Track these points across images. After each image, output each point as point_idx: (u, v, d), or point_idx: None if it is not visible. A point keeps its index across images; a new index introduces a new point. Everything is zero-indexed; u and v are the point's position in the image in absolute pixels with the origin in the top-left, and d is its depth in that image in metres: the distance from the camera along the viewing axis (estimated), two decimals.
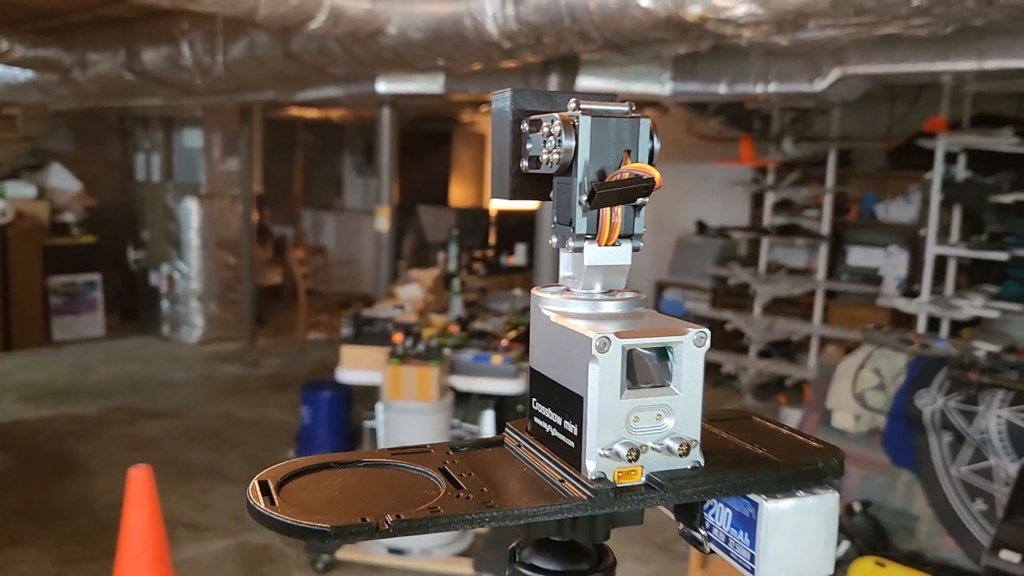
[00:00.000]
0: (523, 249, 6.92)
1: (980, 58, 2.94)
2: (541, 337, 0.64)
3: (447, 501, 0.57)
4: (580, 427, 0.58)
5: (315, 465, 0.63)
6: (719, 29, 2.57)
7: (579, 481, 0.58)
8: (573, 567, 0.62)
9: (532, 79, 3.89)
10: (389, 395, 3.58)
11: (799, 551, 0.57)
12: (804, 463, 0.59)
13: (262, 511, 0.56)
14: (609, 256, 0.63)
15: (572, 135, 0.59)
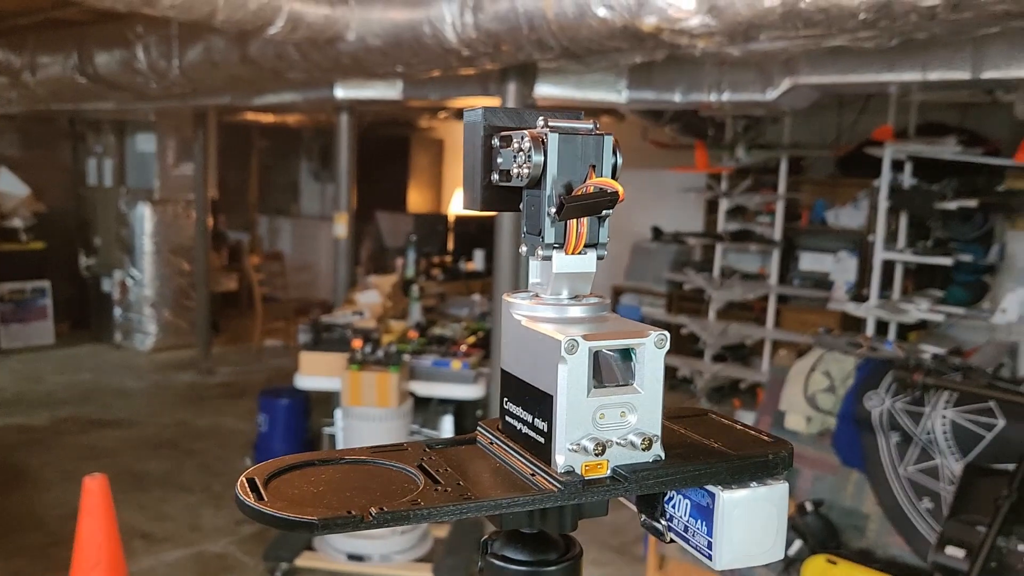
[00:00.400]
0: (481, 255, 6.94)
1: (924, 70, 3.04)
2: (512, 340, 0.68)
3: (426, 494, 0.60)
4: (550, 424, 0.62)
5: (299, 463, 0.66)
6: (674, 39, 2.62)
7: (549, 474, 0.61)
8: (543, 556, 0.66)
9: (490, 86, 3.93)
10: (348, 401, 3.57)
11: (753, 538, 0.61)
12: (756, 455, 0.63)
13: (252, 506, 0.59)
14: (576, 264, 0.67)
15: (541, 151, 0.63)
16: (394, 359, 3.64)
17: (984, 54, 2.90)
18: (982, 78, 2.94)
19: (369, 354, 3.65)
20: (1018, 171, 5.28)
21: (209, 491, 4.61)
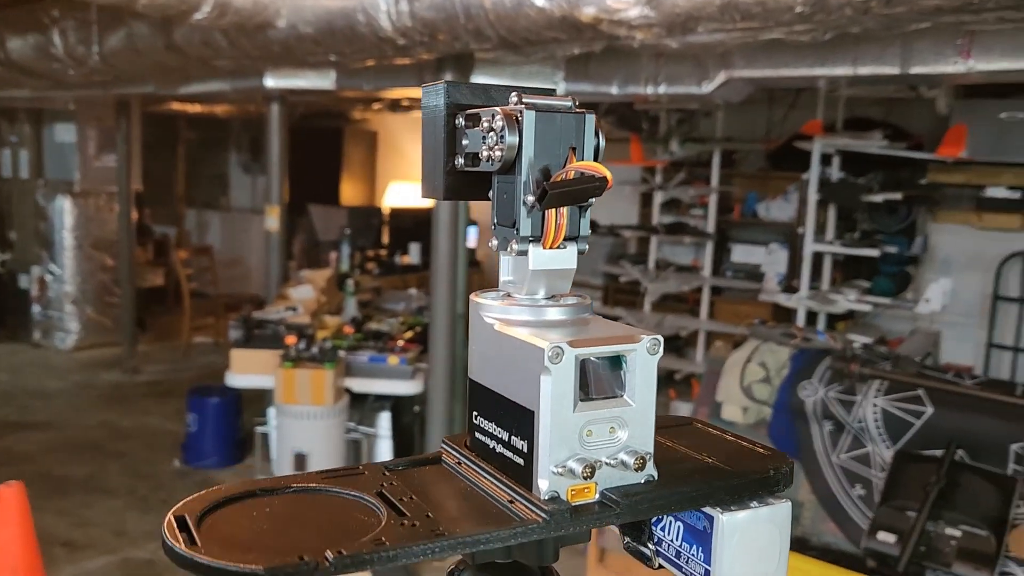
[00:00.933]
0: (417, 248, 6.86)
1: (854, 64, 3.09)
2: (482, 346, 0.60)
3: (391, 530, 0.52)
4: (531, 443, 0.54)
5: (238, 494, 0.58)
6: (612, 30, 2.61)
7: (531, 502, 0.54)
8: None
9: (426, 77, 3.86)
10: (282, 399, 3.48)
11: (754, 563, 0.55)
12: (756, 472, 0.57)
13: (181, 552, 0.50)
14: (554, 259, 0.59)
15: (516, 131, 0.56)
16: (329, 355, 3.55)
17: (912, 50, 2.96)
18: (910, 73, 3.00)
19: (303, 351, 3.56)
20: (940, 165, 5.43)
21: (135, 494, 4.45)
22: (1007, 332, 5.81)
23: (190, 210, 9.46)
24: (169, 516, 0.54)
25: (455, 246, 3.71)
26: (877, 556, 3.00)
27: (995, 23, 2.43)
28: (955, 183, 5.69)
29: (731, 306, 6.40)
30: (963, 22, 2.36)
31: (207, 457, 4.72)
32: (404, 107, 6.64)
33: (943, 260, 6.00)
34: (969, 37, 2.77)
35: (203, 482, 4.59)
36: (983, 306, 5.88)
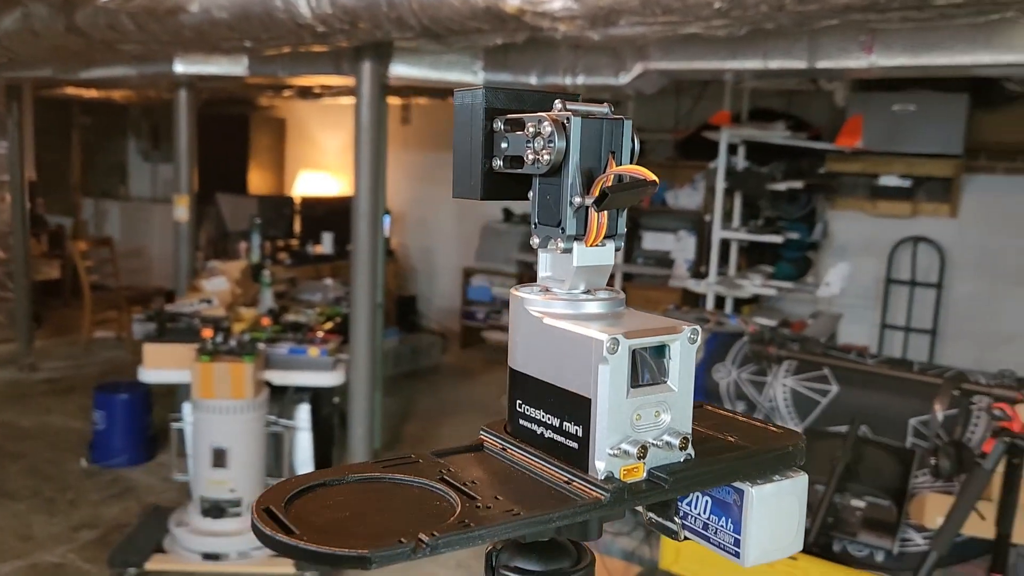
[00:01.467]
0: (331, 238, 6.76)
1: (765, 58, 3.21)
2: (528, 338, 0.63)
3: (471, 512, 0.55)
4: (586, 428, 0.58)
5: (308, 485, 0.60)
6: (536, 22, 2.64)
7: (588, 481, 0.58)
8: (558, 565, 0.62)
9: (343, 65, 3.81)
10: (200, 394, 3.39)
11: (777, 531, 0.60)
12: (777, 448, 0.62)
13: (287, 542, 0.52)
14: (596, 256, 0.63)
15: (563, 136, 0.59)
16: (248, 348, 3.49)
17: (818, 45, 3.10)
18: (817, 67, 3.14)
19: (221, 344, 3.48)
20: (837, 155, 5.69)
21: (40, 496, 4.27)
22: (899, 313, 6.15)
23: (87, 199, 9.06)
24: (256, 509, 0.55)
25: (375, 236, 3.69)
26: None
27: (899, 22, 2.57)
28: (851, 172, 5.97)
29: (642, 292, 6.55)
30: (869, 20, 2.49)
31: (116, 455, 4.56)
32: (315, 94, 6.52)
33: (840, 246, 6.29)
34: (871, 34, 2.92)
35: (114, 481, 4.44)
36: (876, 289, 6.20)
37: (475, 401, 6.17)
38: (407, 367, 6.64)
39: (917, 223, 6.00)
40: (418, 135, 7.86)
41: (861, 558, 3.16)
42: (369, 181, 3.63)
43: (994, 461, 2.01)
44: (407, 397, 6.09)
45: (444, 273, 8.09)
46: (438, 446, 2.21)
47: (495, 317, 7.34)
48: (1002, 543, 2.16)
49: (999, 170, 5.79)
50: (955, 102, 5.43)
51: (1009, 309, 5.81)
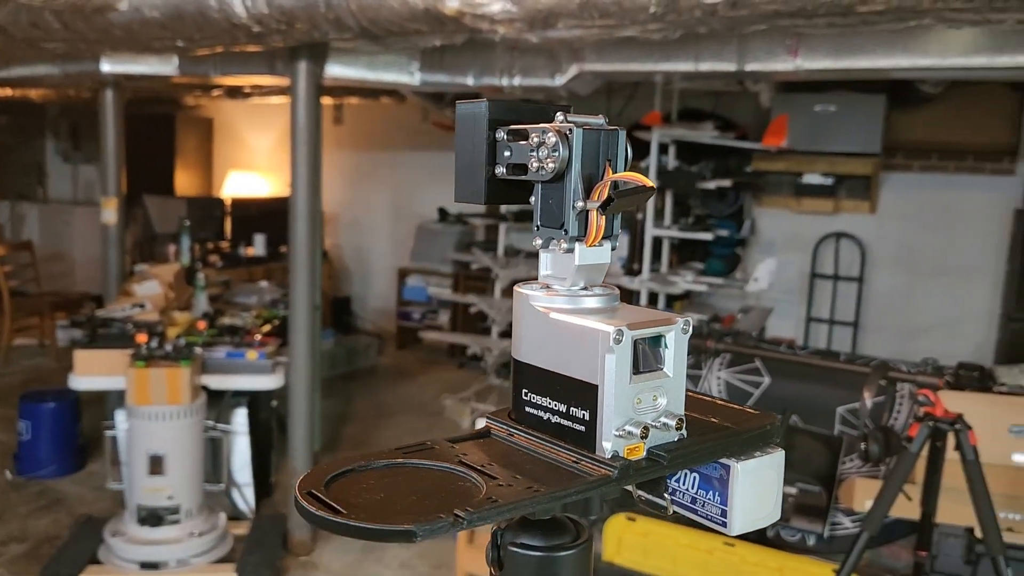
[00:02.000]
0: (263, 240, 6.67)
1: (696, 61, 3.30)
2: (533, 332, 0.68)
3: (496, 491, 0.59)
4: (593, 412, 0.63)
5: (341, 471, 0.64)
6: (475, 24, 2.67)
7: (596, 460, 0.63)
8: (561, 540, 0.66)
9: (278, 65, 3.77)
10: (135, 401, 3.32)
11: (759, 502, 0.66)
12: (757, 428, 0.68)
13: (338, 520, 0.56)
14: (595, 255, 0.68)
15: (567, 145, 0.64)
16: (184, 352, 3.43)
17: (747, 48, 3.21)
18: (746, 70, 3.25)
19: (156, 349, 3.41)
20: (763, 154, 5.87)
21: None
22: (823, 306, 6.37)
23: (2, 202, 8.73)
24: (299, 492, 0.58)
25: (314, 237, 3.67)
26: None
27: (824, 28, 2.68)
28: (776, 170, 6.16)
29: None
30: (796, 25, 2.59)
31: (44, 466, 4.43)
32: (245, 94, 6.42)
33: (767, 242, 6.49)
34: (797, 39, 3.04)
35: (41, 493, 4.31)
36: (802, 283, 6.41)
37: (413, 402, 6.17)
38: (343, 369, 6.60)
39: (839, 219, 6.22)
40: (351, 135, 7.81)
41: (794, 542, 3.28)
42: (306, 182, 3.61)
43: (919, 444, 2.12)
44: (344, 399, 6.05)
45: (379, 273, 8.05)
46: (379, 448, 2.25)
47: (431, 317, 7.34)
48: (927, 522, 2.28)
49: (915, 168, 6.05)
50: (873, 103, 5.66)
51: (925, 301, 6.08)
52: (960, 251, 5.97)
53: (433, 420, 5.74)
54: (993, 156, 5.82)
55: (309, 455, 3.80)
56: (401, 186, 7.87)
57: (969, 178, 5.91)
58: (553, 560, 0.64)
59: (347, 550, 3.92)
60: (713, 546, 3.00)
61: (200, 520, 3.55)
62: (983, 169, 5.87)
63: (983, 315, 5.88)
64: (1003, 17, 2.18)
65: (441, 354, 7.38)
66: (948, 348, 5.32)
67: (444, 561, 3.82)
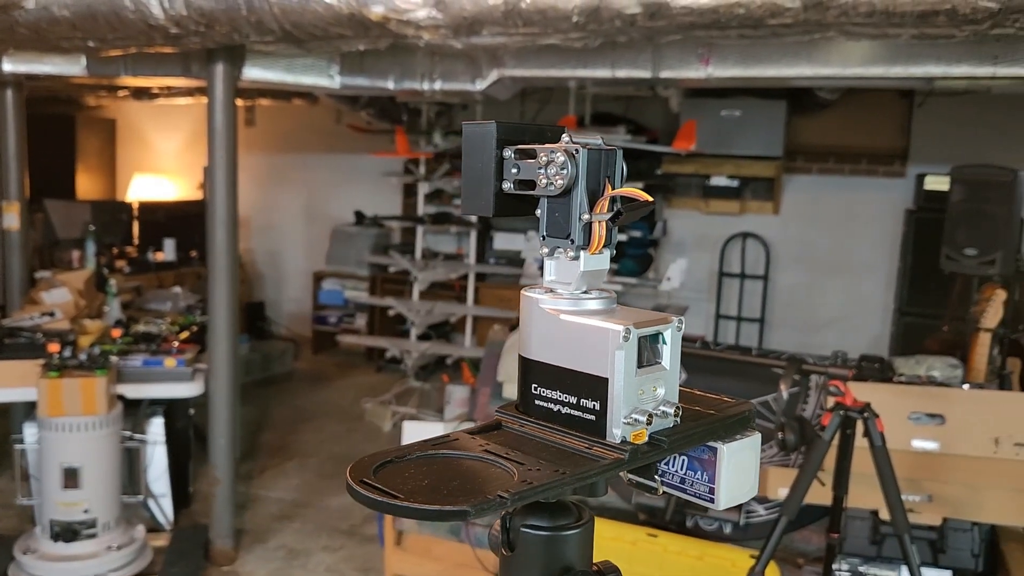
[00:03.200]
0: (172, 244, 6.50)
1: (613, 68, 3.41)
2: (543, 332, 0.75)
3: (528, 474, 0.65)
4: (603, 403, 0.70)
5: (383, 461, 0.68)
6: (400, 30, 2.69)
7: (607, 445, 0.70)
8: (568, 521, 0.73)
9: (193, 67, 3.71)
10: (48, 412, 3.21)
11: (741, 479, 0.73)
12: (736, 414, 0.75)
13: (400, 504, 0.61)
14: (597, 262, 0.75)
15: (574, 164, 0.70)
16: (99, 362, 3.34)
17: (662, 56, 3.33)
18: (660, 77, 3.37)
19: (68, 358, 3.31)
20: (673, 157, 6.06)
21: None
22: (731, 304, 6.62)
23: None
24: (352, 482, 0.63)
25: (233, 241, 3.62)
26: (646, 510, 3.36)
27: (736, 39, 2.81)
28: (685, 173, 6.38)
29: (494, 291, 6.71)
30: (710, 36, 2.71)
31: None
32: (152, 95, 6.24)
33: (678, 242, 6.70)
34: (709, 48, 3.17)
35: None
36: (710, 282, 6.64)
37: (332, 406, 6.12)
38: (258, 375, 6.49)
39: (745, 220, 6.47)
40: (263, 137, 7.68)
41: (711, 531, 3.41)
42: (224, 185, 3.55)
43: (832, 432, 2.26)
44: (261, 406, 5.96)
45: (293, 277, 7.95)
46: (298, 454, 2.30)
47: (348, 321, 7.29)
48: (838, 506, 2.42)
49: (814, 170, 6.35)
50: (775, 109, 5.92)
51: (825, 297, 6.39)
52: (856, 249, 6.30)
53: (354, 424, 5.71)
54: (885, 159, 6.17)
55: (231, 463, 3.75)
56: (315, 189, 7.79)
57: (864, 180, 6.24)
58: (563, 539, 0.71)
59: (270, 558, 3.88)
60: (637, 537, 3.10)
61: (118, 533, 3.46)
62: (876, 172, 6.21)
63: (878, 309, 6.21)
64: (899, 32, 2.35)
65: (359, 358, 7.33)
66: (847, 341, 5.60)
67: (371, 565, 3.82)
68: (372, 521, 4.16)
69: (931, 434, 3.02)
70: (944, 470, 2.93)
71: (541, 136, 0.74)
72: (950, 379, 3.37)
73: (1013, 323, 4.21)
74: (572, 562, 0.72)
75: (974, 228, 4.05)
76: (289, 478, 4.78)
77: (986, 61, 2.98)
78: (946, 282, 4.83)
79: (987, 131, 5.68)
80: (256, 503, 4.42)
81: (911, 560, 2.21)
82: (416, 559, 3.45)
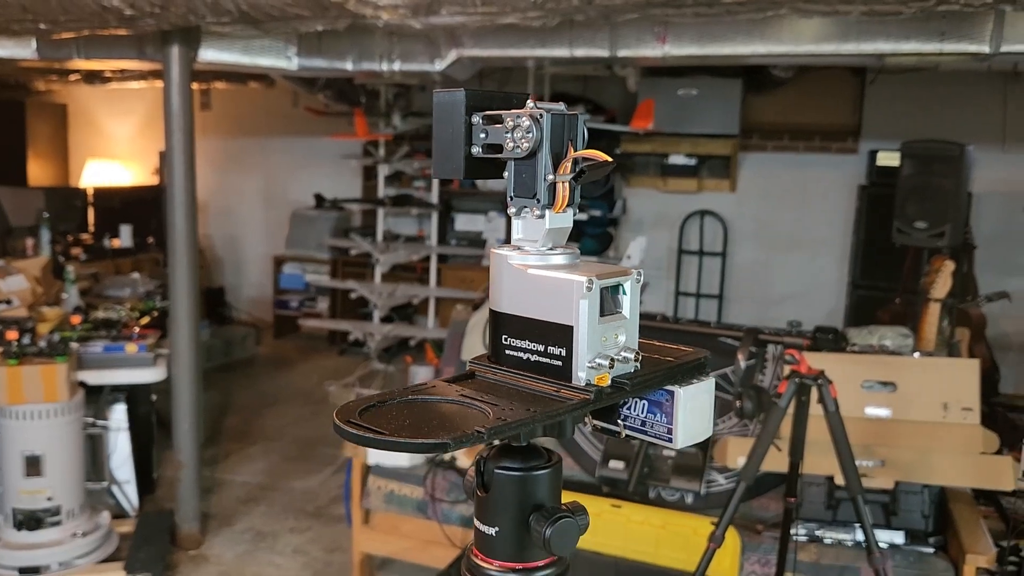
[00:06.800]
0: (129, 231, 6.40)
1: (571, 47, 3.44)
2: (512, 286, 0.79)
3: (503, 413, 0.69)
4: (569, 349, 0.75)
5: (366, 406, 0.72)
6: (359, 10, 2.70)
7: (573, 388, 0.74)
8: (538, 463, 0.78)
9: (147, 49, 3.66)
10: (7, 400, 3.18)
11: (697, 421, 0.78)
12: (693, 360, 0.81)
13: (381, 438, 0.65)
14: (561, 220, 0.79)
15: (539, 128, 0.75)
16: (59, 348, 3.31)
17: (619, 35, 3.36)
18: (618, 56, 3.41)
19: (28, 345, 3.28)
20: (631, 136, 6.12)
21: None
22: (690, 280, 6.72)
23: None
24: (339, 421, 0.67)
25: (192, 226, 3.60)
26: (610, 482, 3.42)
27: (692, 17, 2.86)
28: (643, 152, 6.44)
29: (456, 272, 6.73)
30: (667, 14, 2.75)
31: None
32: (105, 79, 6.13)
33: (637, 220, 6.77)
34: (665, 26, 3.21)
35: None
36: (670, 259, 6.73)
37: (295, 390, 6.11)
38: (220, 360, 6.45)
39: (702, 198, 6.56)
40: (219, 121, 7.58)
41: (673, 501, 3.49)
42: (183, 169, 3.53)
43: (787, 399, 2.33)
44: (224, 391, 5.93)
45: (253, 262, 7.88)
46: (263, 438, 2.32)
47: (310, 305, 7.27)
48: (794, 472, 2.50)
49: (769, 148, 6.46)
50: (731, 87, 6.00)
51: (782, 272, 6.51)
52: (811, 225, 6.42)
53: (318, 407, 5.71)
54: (838, 136, 6.29)
55: (196, 447, 3.74)
56: (273, 173, 7.72)
57: (817, 157, 6.36)
58: (533, 479, 0.76)
59: (238, 541, 3.89)
60: (600, 509, 3.17)
61: (82, 520, 3.44)
62: (829, 148, 6.33)
63: (833, 283, 6.35)
64: (850, 9, 2.41)
65: (321, 341, 7.32)
66: (804, 314, 5.69)
67: (338, 545, 3.85)
68: (339, 502, 4.19)
69: (883, 401, 3.12)
70: (896, 436, 3.03)
71: (507, 103, 0.78)
72: (901, 348, 3.48)
73: (961, 293, 4.35)
74: (543, 500, 0.76)
75: (924, 201, 4.16)
76: (254, 462, 4.78)
77: (933, 38, 3.06)
78: (898, 256, 4.96)
79: (936, 107, 5.82)
80: (221, 487, 4.42)
81: (864, 519, 2.30)
82: (384, 537, 3.48)
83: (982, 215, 5.63)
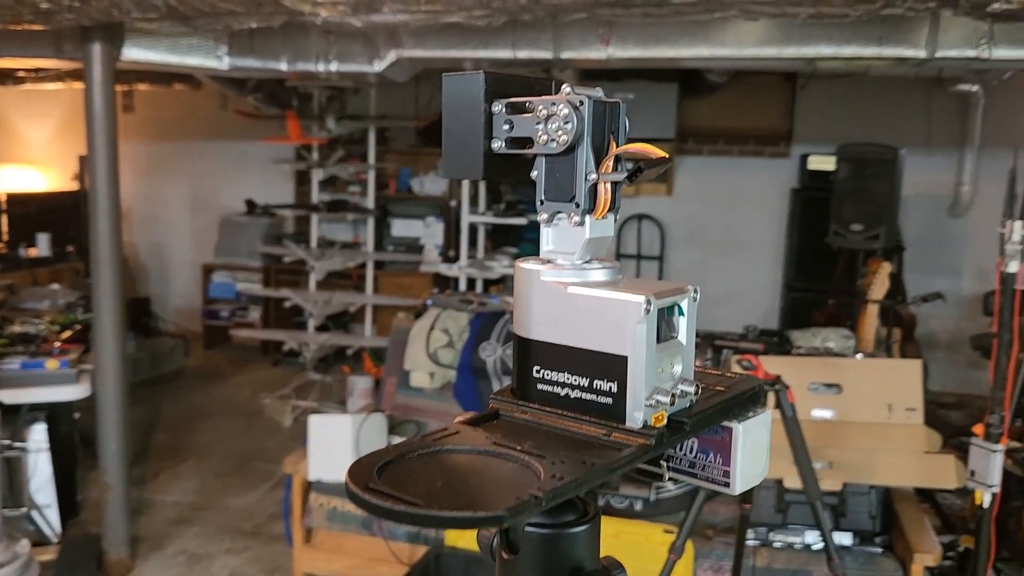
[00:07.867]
0: (47, 239, 6.10)
1: (514, 48, 3.37)
2: (545, 306, 0.66)
3: (555, 468, 0.58)
4: (621, 383, 0.63)
5: (386, 461, 0.60)
6: (296, 5, 2.58)
7: (627, 431, 0.63)
8: (574, 516, 0.66)
9: (66, 46, 3.46)
10: None
11: (756, 459, 0.68)
12: (747, 391, 0.70)
13: (419, 512, 0.53)
14: (602, 228, 0.68)
15: (579, 118, 0.63)
16: None
17: (563, 36, 3.31)
18: (562, 58, 3.36)
19: None
20: None
21: None
22: None
23: None
24: (359, 490, 0.54)
25: (117, 233, 3.41)
26: None
27: (640, 18, 2.82)
28: None
29: (394, 279, 6.60)
30: (615, 15, 2.71)
31: None
32: (19, 78, 5.82)
33: None
34: (609, 28, 3.17)
35: None
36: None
37: (228, 403, 5.89)
38: (147, 374, 6.19)
39: (640, 202, 6.58)
40: (143, 125, 7.29)
41: (623, 508, 3.45)
42: (106, 175, 3.34)
43: None
44: (151, 406, 5.68)
45: (180, 271, 7.61)
46: (194, 455, 2.13)
47: (241, 314, 7.03)
48: None
49: (705, 152, 6.51)
50: (667, 91, 6.02)
51: (718, 274, 6.56)
52: (746, 228, 6.49)
53: (252, 421, 5.52)
54: (771, 140, 6.37)
55: (123, 467, 3.55)
56: (201, 178, 7.46)
57: (751, 161, 6.43)
58: (571, 536, 0.64)
59: (170, 565, 3.70)
60: None
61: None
62: (763, 152, 6.41)
63: (768, 285, 6.43)
64: (797, 11, 2.40)
65: (254, 352, 7.09)
66: (741, 317, 5.76)
67: (279, 565, 3.69)
68: (277, 520, 4.03)
69: (829, 403, 3.13)
70: (843, 437, 3.04)
71: (530, 88, 0.66)
72: (844, 349, 3.51)
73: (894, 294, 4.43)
74: (582, 561, 0.64)
75: (859, 204, 4.22)
76: (185, 480, 4.57)
77: (872, 42, 3.09)
78: (830, 258, 5.04)
79: (865, 112, 5.94)
80: (151, 508, 4.21)
81: (824, 526, 2.28)
82: (327, 556, 3.36)
83: (910, 217, 5.76)
